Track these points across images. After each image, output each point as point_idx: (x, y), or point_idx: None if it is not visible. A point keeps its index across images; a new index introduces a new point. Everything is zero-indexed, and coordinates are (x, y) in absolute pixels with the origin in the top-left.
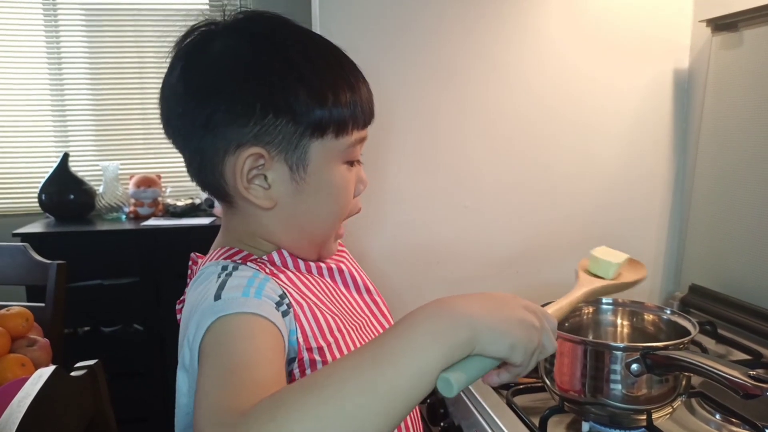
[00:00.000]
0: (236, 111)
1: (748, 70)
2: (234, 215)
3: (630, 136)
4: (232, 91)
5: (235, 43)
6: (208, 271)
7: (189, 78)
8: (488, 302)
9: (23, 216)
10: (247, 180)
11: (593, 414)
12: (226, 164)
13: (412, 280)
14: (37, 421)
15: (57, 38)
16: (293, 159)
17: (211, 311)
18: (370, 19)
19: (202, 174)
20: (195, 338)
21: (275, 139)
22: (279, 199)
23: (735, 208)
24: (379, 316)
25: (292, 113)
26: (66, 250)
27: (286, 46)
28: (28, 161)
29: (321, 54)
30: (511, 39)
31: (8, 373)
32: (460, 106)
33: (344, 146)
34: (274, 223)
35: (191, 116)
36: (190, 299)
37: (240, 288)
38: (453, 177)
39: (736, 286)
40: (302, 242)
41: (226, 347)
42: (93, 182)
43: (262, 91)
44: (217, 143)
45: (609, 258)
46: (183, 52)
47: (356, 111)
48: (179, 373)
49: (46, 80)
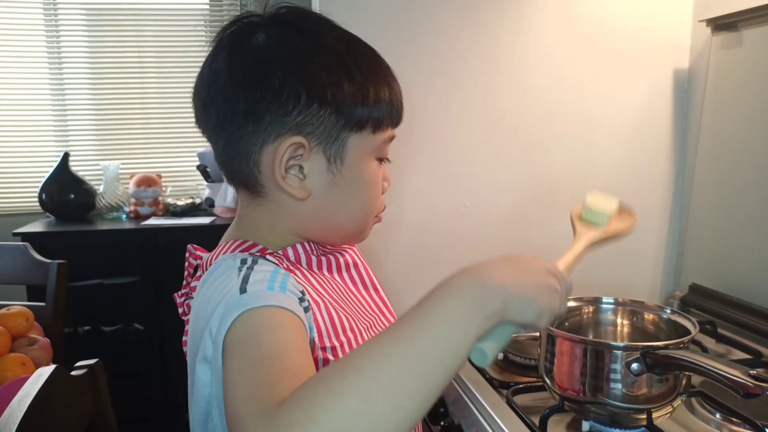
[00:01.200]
0: (281, 99)
1: (748, 70)
2: (259, 206)
3: (630, 136)
4: (280, 79)
5: (282, 34)
6: (225, 264)
7: (235, 65)
8: (516, 269)
9: (23, 215)
10: (285, 170)
11: (593, 413)
12: (264, 152)
13: (412, 280)
14: (37, 421)
15: (57, 38)
16: (331, 151)
17: (237, 304)
18: (370, 20)
19: (236, 162)
20: (219, 331)
21: (317, 130)
22: (313, 190)
23: (735, 208)
24: (387, 314)
25: (336, 105)
26: (66, 249)
27: (332, 40)
28: (29, 161)
29: (363, 52)
30: (512, 40)
31: (8, 373)
32: (460, 107)
33: (379, 142)
34: (303, 214)
35: (234, 103)
36: (206, 292)
37: (264, 282)
38: (453, 177)
39: (737, 285)
40: (328, 232)
41: (255, 339)
42: (93, 182)
43: (309, 81)
44: (258, 131)
45: (603, 207)
46: (227, 41)
47: (393, 109)
48: (199, 365)
49: (47, 80)
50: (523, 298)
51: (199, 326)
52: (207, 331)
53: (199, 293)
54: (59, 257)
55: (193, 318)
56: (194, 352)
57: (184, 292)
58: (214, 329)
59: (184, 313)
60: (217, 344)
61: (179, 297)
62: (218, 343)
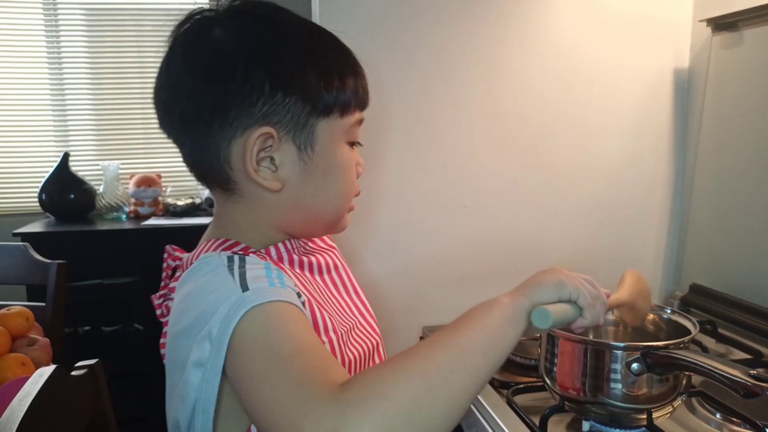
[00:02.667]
0: (245, 91)
1: (748, 70)
2: (236, 204)
3: (630, 135)
4: (242, 71)
5: (239, 26)
6: (210, 262)
7: (194, 62)
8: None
9: (23, 216)
10: (256, 162)
11: (593, 413)
12: (233, 147)
13: (412, 280)
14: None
15: (57, 38)
16: (301, 138)
17: (242, 302)
18: (371, 19)
19: (205, 162)
20: (223, 332)
21: (284, 119)
22: (287, 181)
23: (735, 207)
24: (367, 317)
25: (301, 92)
26: (66, 249)
27: (291, 27)
28: (29, 161)
29: (324, 37)
30: (512, 39)
31: (8, 373)
32: (460, 106)
33: (348, 125)
34: (281, 206)
35: (198, 101)
36: (193, 292)
37: (263, 278)
38: (453, 177)
39: (737, 285)
40: (309, 222)
41: (276, 332)
42: (93, 182)
43: (272, 70)
44: (225, 126)
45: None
46: (183, 39)
47: (358, 91)
48: (191, 368)
49: (47, 80)
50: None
51: (184, 328)
52: (203, 333)
53: (180, 293)
54: (59, 257)
55: (176, 318)
56: (177, 355)
57: (162, 294)
58: (215, 331)
59: (163, 314)
60: (221, 345)
61: (157, 299)
62: (222, 345)
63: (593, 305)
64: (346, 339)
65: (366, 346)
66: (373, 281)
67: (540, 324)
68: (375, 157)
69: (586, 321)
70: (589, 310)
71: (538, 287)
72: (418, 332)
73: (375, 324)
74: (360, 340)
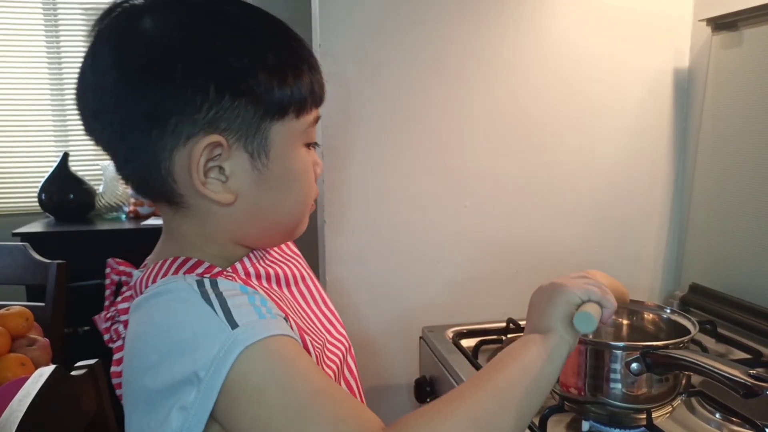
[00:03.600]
0: (186, 95)
1: (748, 70)
2: (185, 218)
3: (630, 135)
4: (181, 71)
5: (175, 16)
6: (176, 288)
7: (124, 60)
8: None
9: (23, 215)
10: (204, 174)
11: (593, 413)
12: (176, 159)
13: (412, 280)
14: (37, 421)
15: (57, 38)
16: (253, 145)
17: (234, 342)
18: (371, 18)
19: (144, 174)
20: (213, 376)
21: (233, 125)
22: (240, 192)
23: (735, 207)
24: (336, 325)
25: (251, 94)
26: (66, 249)
27: (236, 18)
28: (28, 161)
29: (274, 28)
30: (512, 39)
31: (8, 373)
32: (460, 106)
33: (305, 126)
34: (236, 219)
35: (130, 106)
36: (160, 324)
37: (250, 309)
38: (453, 177)
39: (736, 285)
40: (268, 232)
41: (283, 376)
42: (93, 182)
43: (216, 70)
44: (164, 135)
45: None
46: (108, 33)
47: (314, 88)
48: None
49: (46, 80)
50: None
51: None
52: (185, 376)
53: (139, 318)
54: (59, 257)
55: (138, 351)
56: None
57: (109, 316)
58: (202, 374)
59: (111, 339)
60: (210, 391)
61: (103, 321)
62: (212, 390)
63: (604, 292)
64: (322, 356)
65: (339, 357)
66: (373, 281)
67: (586, 328)
68: (375, 157)
69: (609, 309)
70: (605, 299)
71: (554, 311)
72: (418, 332)
73: (343, 329)
74: (333, 354)
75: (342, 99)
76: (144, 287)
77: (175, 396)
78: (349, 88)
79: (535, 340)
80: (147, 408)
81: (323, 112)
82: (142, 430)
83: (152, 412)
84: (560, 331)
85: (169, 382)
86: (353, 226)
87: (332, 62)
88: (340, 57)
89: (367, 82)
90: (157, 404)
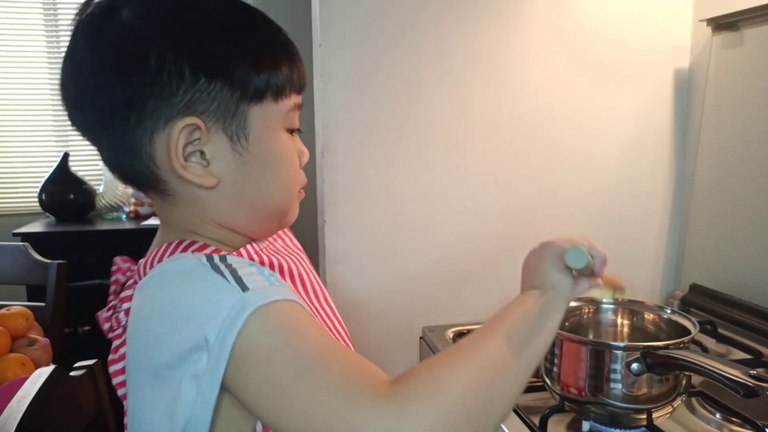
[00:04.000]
0: (162, 79)
1: (749, 70)
2: (174, 206)
3: (630, 135)
4: (156, 56)
5: (150, 6)
6: (185, 263)
7: (102, 49)
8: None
9: (23, 215)
10: (184, 158)
11: (594, 413)
12: (156, 143)
13: (412, 281)
14: (36, 421)
15: (57, 38)
16: (232, 127)
17: (244, 304)
18: (371, 19)
19: (127, 161)
20: (224, 339)
21: (210, 107)
22: (222, 176)
23: (735, 208)
24: (337, 323)
25: (227, 76)
26: (66, 249)
27: (211, 4)
28: (29, 161)
29: (250, 13)
30: (513, 40)
31: (8, 373)
32: (460, 106)
33: (284, 111)
34: (221, 204)
35: (109, 93)
36: (167, 297)
37: (259, 278)
38: (453, 177)
39: (737, 285)
40: (256, 219)
41: (292, 336)
42: (93, 182)
43: (191, 53)
44: (143, 120)
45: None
46: (86, 24)
47: (293, 73)
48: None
49: (47, 80)
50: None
51: (159, 337)
52: (195, 342)
53: (143, 297)
54: (59, 257)
55: (143, 327)
56: (147, 369)
57: (111, 306)
58: (212, 338)
59: (111, 329)
60: (221, 355)
61: (104, 313)
62: (222, 354)
63: (591, 244)
64: None
65: None
66: (373, 282)
67: (578, 263)
68: (375, 157)
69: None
70: (594, 249)
71: (546, 266)
72: (418, 333)
73: (343, 329)
74: None
75: (342, 99)
76: (148, 269)
77: (185, 365)
78: (349, 88)
79: (532, 294)
80: (157, 384)
81: (324, 113)
82: (154, 409)
83: (163, 387)
84: (555, 283)
85: (177, 351)
86: (353, 226)
87: (332, 62)
88: (340, 57)
89: (367, 82)
90: (166, 378)
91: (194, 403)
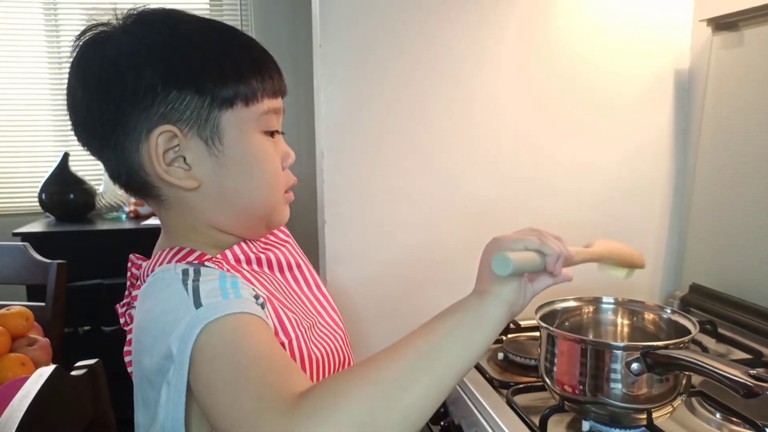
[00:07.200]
0: (139, 96)
1: (749, 70)
2: (168, 211)
3: (631, 135)
4: (132, 76)
5: (128, 35)
6: (165, 276)
7: (88, 77)
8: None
9: (23, 215)
10: (166, 163)
11: (593, 413)
12: (142, 152)
13: (411, 281)
14: (37, 421)
15: (57, 38)
16: (206, 132)
17: (197, 320)
18: (372, 19)
19: (124, 173)
20: (182, 351)
21: (183, 116)
22: (203, 178)
23: (736, 208)
24: (330, 311)
25: (195, 86)
26: (66, 249)
27: (179, 26)
28: (29, 161)
29: (216, 29)
30: (513, 39)
31: (8, 373)
32: (461, 106)
33: (256, 115)
34: (207, 204)
35: (99, 114)
36: (150, 308)
37: (216, 291)
38: (453, 177)
39: (737, 285)
40: (240, 219)
41: (233, 345)
42: (93, 182)
43: (161, 69)
44: (129, 133)
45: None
46: (76, 57)
47: (263, 80)
48: (162, 387)
49: (46, 80)
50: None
51: (146, 347)
52: (165, 353)
53: (141, 306)
54: (59, 257)
55: (138, 336)
56: (142, 372)
57: (125, 302)
58: (174, 350)
59: (126, 323)
60: (182, 364)
61: (121, 307)
62: (183, 363)
63: (544, 239)
64: (310, 335)
65: (331, 341)
66: (373, 282)
67: (501, 270)
68: (375, 157)
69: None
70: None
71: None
72: None
73: (338, 318)
74: (324, 335)
75: (342, 99)
76: (146, 276)
77: (162, 373)
78: (349, 88)
79: (468, 301)
80: (149, 387)
81: (324, 113)
82: (149, 406)
83: (152, 390)
84: (493, 289)
85: (157, 360)
86: (353, 227)
87: (332, 62)
88: (340, 57)
89: (367, 82)
90: (154, 382)
91: (167, 405)
